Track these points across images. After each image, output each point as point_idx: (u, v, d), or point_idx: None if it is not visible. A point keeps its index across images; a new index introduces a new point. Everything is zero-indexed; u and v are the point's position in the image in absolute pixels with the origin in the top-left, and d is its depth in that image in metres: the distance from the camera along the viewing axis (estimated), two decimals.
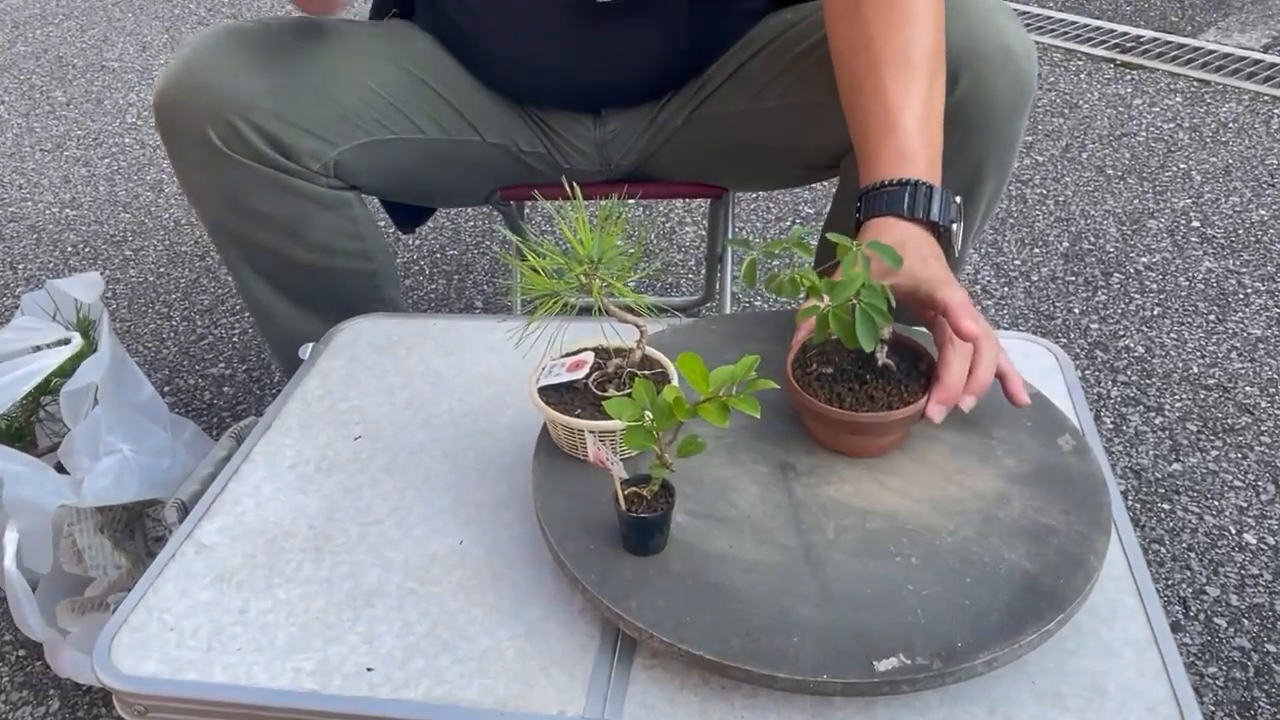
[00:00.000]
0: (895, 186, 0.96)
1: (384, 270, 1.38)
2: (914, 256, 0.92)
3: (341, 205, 1.25)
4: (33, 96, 2.96)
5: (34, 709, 1.25)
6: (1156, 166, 2.31)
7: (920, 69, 1.00)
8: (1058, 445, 0.91)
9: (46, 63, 3.19)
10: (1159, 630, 0.80)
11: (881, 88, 1.00)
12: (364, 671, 0.80)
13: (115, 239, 2.27)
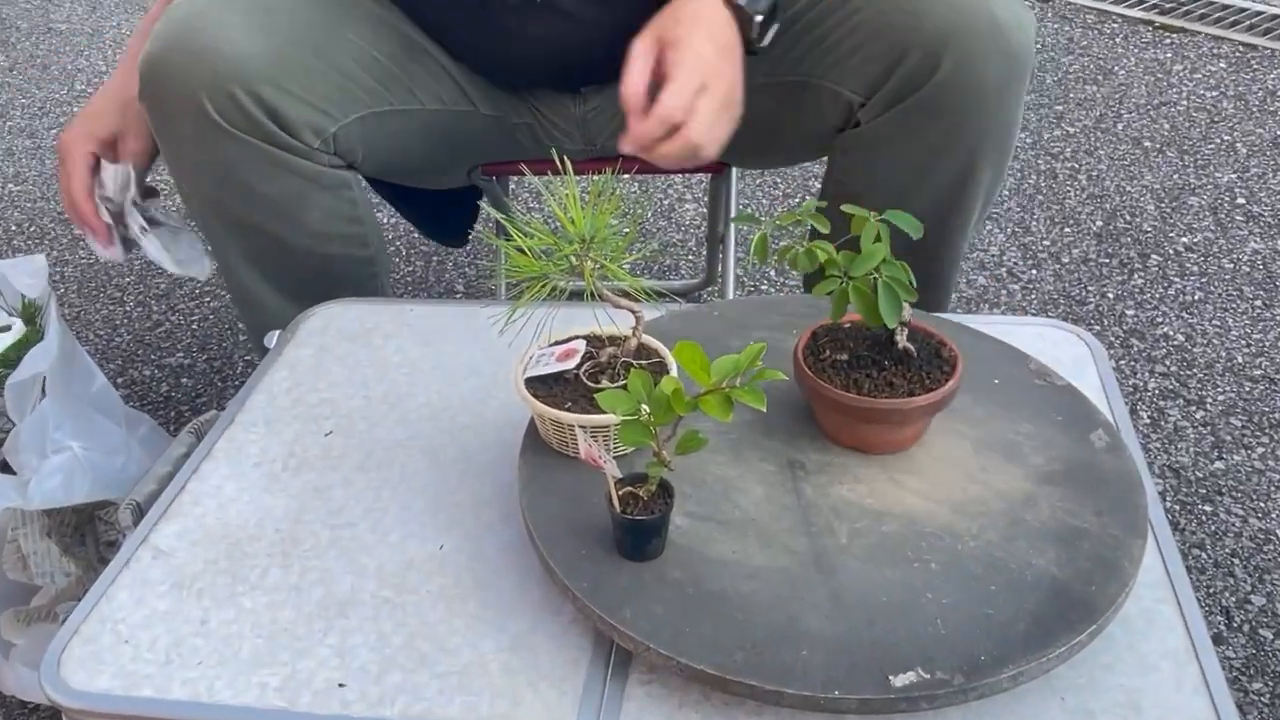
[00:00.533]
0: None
1: (379, 257, 1.38)
2: (671, 16, 1.03)
3: (340, 186, 1.25)
4: None
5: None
6: (1198, 138, 2.31)
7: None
8: (1090, 441, 0.91)
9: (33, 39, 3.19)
10: (1199, 642, 0.80)
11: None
12: (335, 687, 0.80)
13: (64, 217, 2.26)
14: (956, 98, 1.11)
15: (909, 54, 1.11)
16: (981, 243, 2.01)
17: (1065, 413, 0.94)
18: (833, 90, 1.18)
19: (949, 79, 1.10)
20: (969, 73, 1.09)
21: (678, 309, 1.10)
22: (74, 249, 2.15)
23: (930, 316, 1.03)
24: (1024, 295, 1.87)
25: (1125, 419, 0.99)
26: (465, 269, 2.06)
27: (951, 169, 1.16)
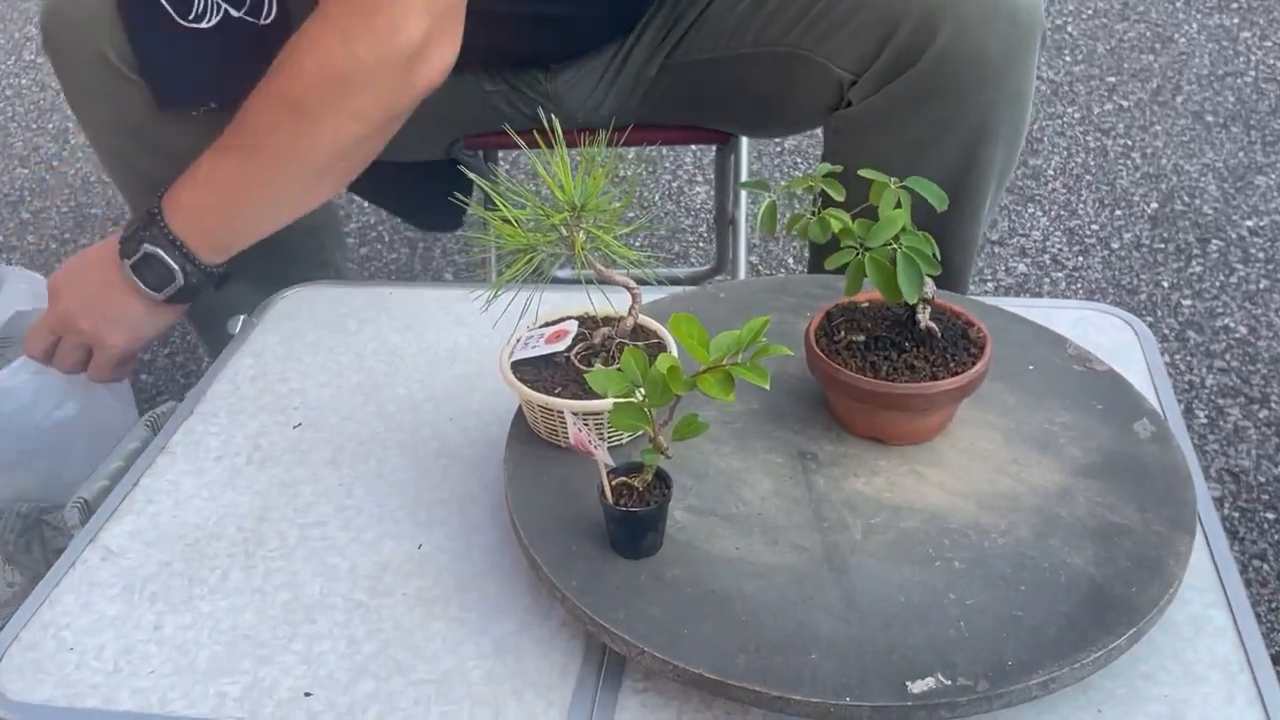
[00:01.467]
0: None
1: (326, 226, 1.39)
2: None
3: None
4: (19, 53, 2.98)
5: None
6: (1267, 112, 2.31)
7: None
8: (1133, 431, 0.91)
9: None
10: (1253, 652, 0.80)
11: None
12: (301, 697, 0.80)
13: (11, 199, 2.28)
14: (955, 71, 1.11)
15: (901, 24, 1.11)
16: (1023, 227, 2.01)
17: (1106, 401, 0.94)
18: (822, 65, 1.18)
19: (947, 50, 1.10)
20: (969, 42, 1.10)
21: (680, 290, 1.11)
22: (22, 234, 2.16)
23: (957, 296, 1.03)
24: (1068, 284, 1.87)
25: (1174, 408, 0.99)
26: (455, 256, 2.07)
27: (956, 150, 1.16)
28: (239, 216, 1.13)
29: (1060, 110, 2.35)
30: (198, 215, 1.11)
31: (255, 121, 1.08)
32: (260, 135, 1.09)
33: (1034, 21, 1.11)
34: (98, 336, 1.16)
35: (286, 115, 1.08)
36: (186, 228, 1.11)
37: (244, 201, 1.12)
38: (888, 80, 1.14)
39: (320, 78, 1.05)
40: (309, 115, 1.07)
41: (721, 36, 1.25)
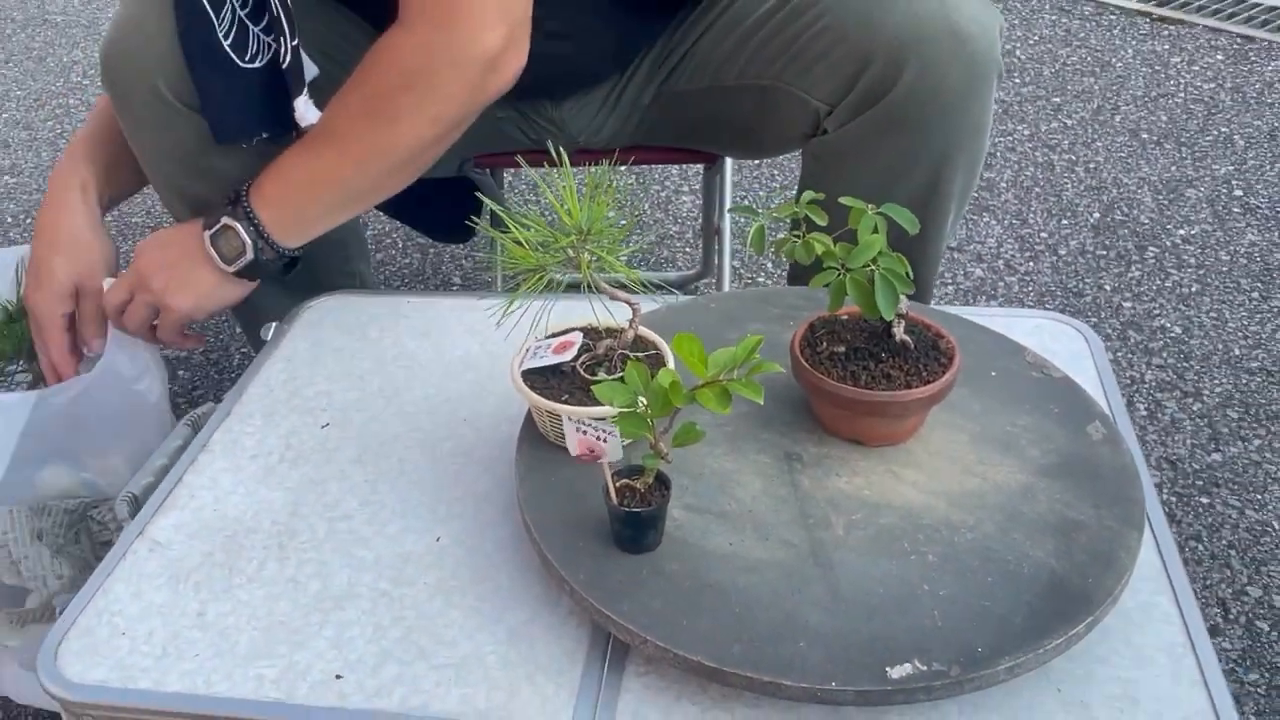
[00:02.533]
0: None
1: (354, 241, 1.38)
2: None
3: None
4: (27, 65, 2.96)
5: None
6: (1196, 130, 2.31)
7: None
8: (1087, 434, 0.91)
9: None
10: (1196, 634, 0.80)
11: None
12: (332, 679, 0.80)
13: None
14: (920, 106, 1.11)
15: (871, 63, 1.10)
16: (978, 235, 2.01)
17: (1062, 405, 0.94)
18: (799, 97, 1.18)
19: (911, 87, 1.10)
20: (931, 80, 1.09)
21: (674, 301, 1.10)
22: None
23: (927, 308, 1.03)
24: (1021, 287, 1.87)
25: (1122, 412, 0.99)
26: (462, 261, 2.06)
27: (921, 175, 1.16)
28: (314, 204, 1.12)
29: (1011, 128, 2.35)
30: (277, 199, 1.11)
31: (339, 121, 1.09)
32: (343, 133, 1.09)
33: (991, 61, 1.11)
34: (166, 298, 1.15)
35: (368, 116, 1.07)
36: (265, 208, 1.11)
37: (320, 192, 1.12)
38: (860, 111, 1.14)
39: (401, 82, 1.05)
40: (389, 117, 1.07)
41: (709, 69, 1.24)
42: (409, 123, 1.07)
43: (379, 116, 1.07)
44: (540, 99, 1.33)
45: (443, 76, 1.05)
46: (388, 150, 1.09)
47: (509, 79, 1.07)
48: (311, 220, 1.13)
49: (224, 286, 1.15)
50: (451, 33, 1.03)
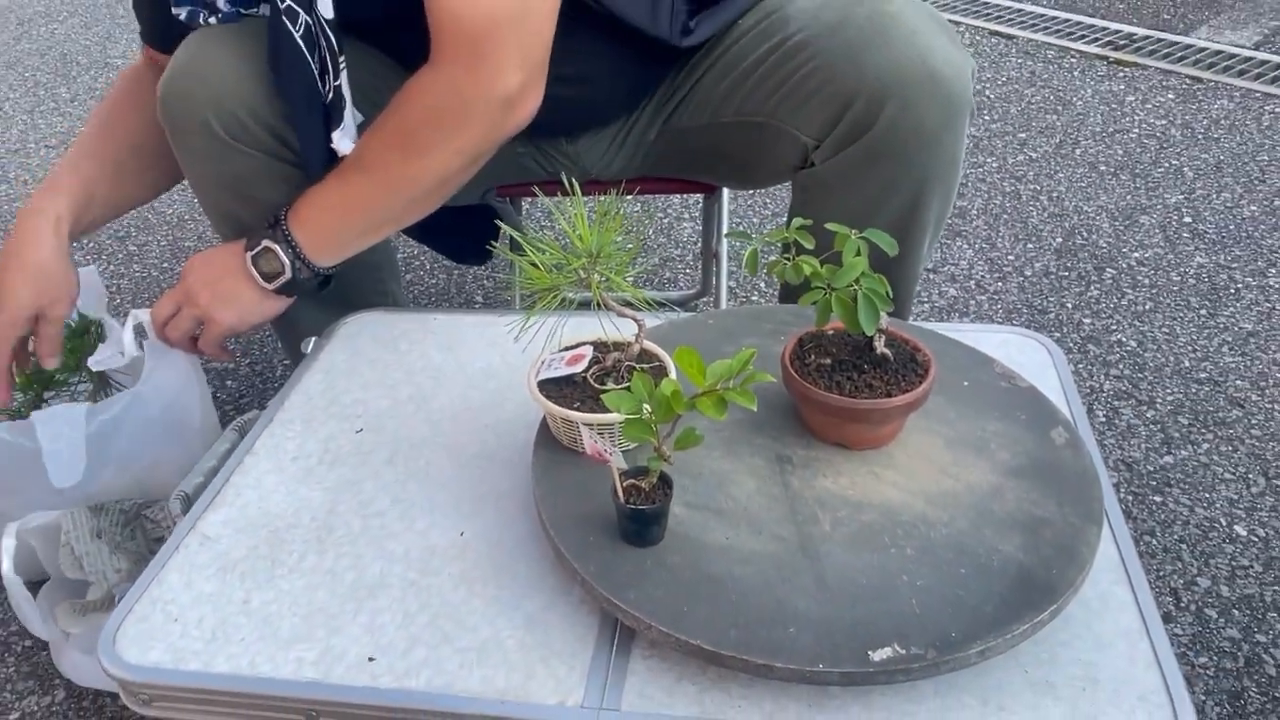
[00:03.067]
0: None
1: (387, 263, 1.38)
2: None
3: None
4: (37, 93, 2.96)
5: (39, 698, 1.26)
6: (1149, 162, 2.31)
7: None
8: (1051, 439, 0.91)
9: (51, 60, 3.19)
10: (1150, 621, 0.80)
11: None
12: (366, 661, 0.80)
13: (119, 234, 2.26)
14: (899, 141, 1.10)
15: (854, 102, 1.10)
16: (952, 257, 2.01)
17: (1028, 412, 0.94)
18: (790, 133, 1.18)
19: (891, 125, 1.09)
20: (909, 119, 1.09)
21: (676, 318, 1.10)
22: (129, 264, 2.15)
23: (905, 324, 1.03)
24: (990, 305, 1.87)
25: (1083, 418, 0.99)
26: (484, 281, 2.06)
27: (900, 204, 1.15)
28: (347, 227, 1.13)
29: (981, 161, 2.35)
30: (313, 223, 1.12)
31: (372, 152, 1.09)
32: (374, 163, 1.09)
33: (964, 101, 1.11)
34: (211, 311, 1.16)
35: (399, 148, 1.08)
36: (302, 231, 1.11)
37: (353, 216, 1.12)
38: (844, 146, 1.13)
39: (430, 118, 1.06)
40: (419, 149, 1.07)
41: (708, 108, 1.25)
42: (436, 155, 1.07)
43: (408, 149, 1.07)
44: (557, 136, 1.33)
45: (467, 114, 1.05)
46: (415, 179, 1.09)
47: (526, 117, 1.08)
48: (344, 243, 1.14)
49: (264, 302, 1.16)
50: (476, 74, 1.03)
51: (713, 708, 0.75)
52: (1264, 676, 1.21)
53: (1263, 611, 1.28)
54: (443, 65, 1.04)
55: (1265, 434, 1.54)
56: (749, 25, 1.21)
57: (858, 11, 1.11)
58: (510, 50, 1.03)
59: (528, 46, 1.04)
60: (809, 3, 1.17)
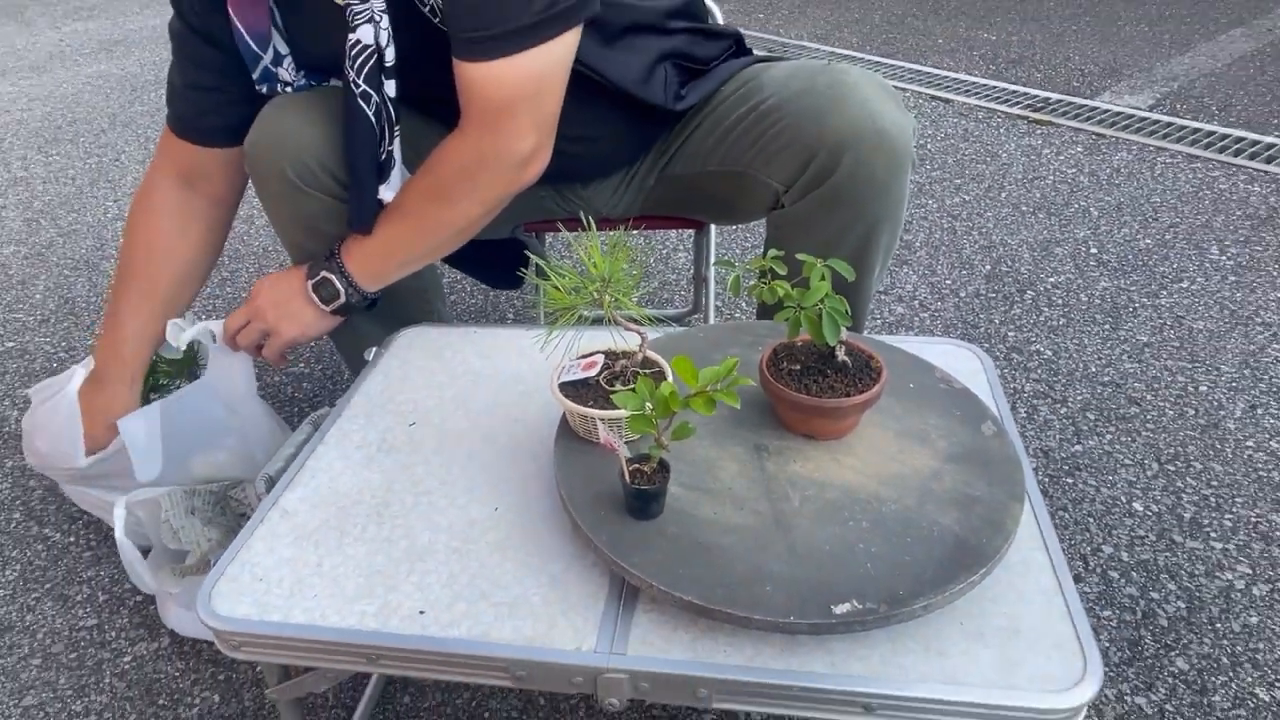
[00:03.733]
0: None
1: (432, 287, 1.38)
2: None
3: None
4: (147, 147, 2.96)
5: (148, 644, 1.26)
6: (1061, 204, 2.31)
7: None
8: (981, 431, 0.91)
9: (159, 119, 3.19)
10: (1064, 581, 0.80)
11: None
12: (417, 614, 0.80)
13: None
14: (854, 188, 1.10)
15: (817, 156, 1.10)
16: (899, 282, 2.00)
17: (962, 409, 0.94)
18: (764, 180, 1.17)
19: (848, 174, 1.09)
20: (862, 169, 1.09)
21: (673, 331, 1.10)
22: (223, 286, 2.15)
23: (860, 336, 1.03)
24: (931, 321, 1.86)
25: (1007, 414, 0.99)
26: (514, 302, 2.06)
27: (856, 238, 1.15)
28: (390, 262, 1.14)
29: (923, 203, 2.34)
30: (362, 258, 1.13)
31: (411, 201, 1.10)
32: (412, 210, 1.10)
33: (907, 154, 1.11)
34: (277, 326, 1.17)
35: (434, 199, 1.08)
36: (353, 264, 1.13)
37: (395, 253, 1.13)
38: (809, 191, 1.13)
39: (460, 174, 1.06)
40: (449, 199, 1.08)
41: (697, 160, 1.25)
42: (463, 204, 1.08)
43: (441, 199, 1.08)
44: (573, 183, 1.33)
45: (490, 171, 1.06)
46: (446, 224, 1.10)
47: (537, 172, 1.09)
48: (387, 274, 1.15)
49: (322, 321, 1.17)
50: (497, 140, 1.04)
51: (703, 653, 0.75)
52: (1157, 627, 1.20)
53: (1156, 574, 1.28)
54: (470, 132, 1.04)
55: (1158, 427, 1.54)
56: (730, 91, 1.21)
57: (820, 80, 1.12)
58: (525, 121, 1.03)
59: (539, 118, 1.04)
60: (779, 72, 1.17)
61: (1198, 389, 1.63)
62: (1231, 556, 1.30)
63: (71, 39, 4.20)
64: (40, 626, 1.29)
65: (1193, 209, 2.24)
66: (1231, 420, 1.55)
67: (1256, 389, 1.62)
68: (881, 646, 0.74)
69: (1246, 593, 1.24)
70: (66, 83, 3.59)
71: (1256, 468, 1.45)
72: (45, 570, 1.38)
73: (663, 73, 1.20)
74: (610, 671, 0.74)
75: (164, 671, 1.22)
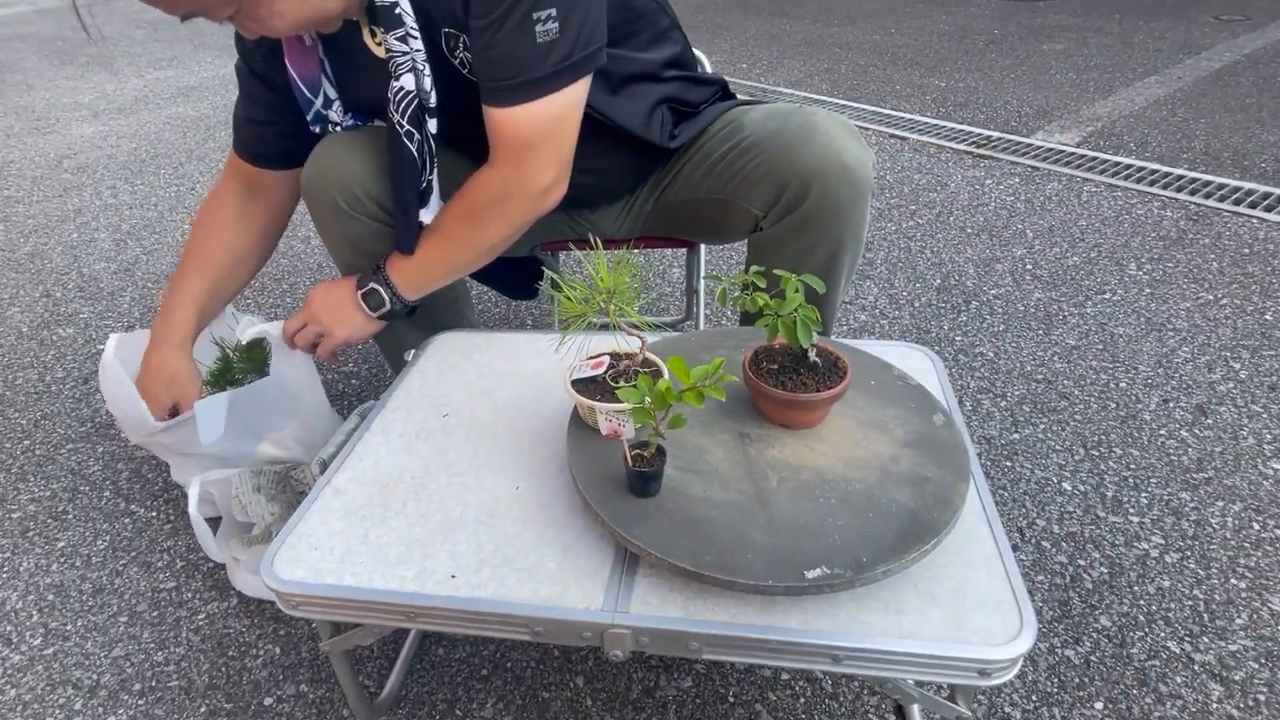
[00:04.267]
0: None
1: (462, 298, 1.38)
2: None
3: None
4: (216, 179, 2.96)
5: (219, 603, 1.26)
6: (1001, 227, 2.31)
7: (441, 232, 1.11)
8: (933, 421, 0.91)
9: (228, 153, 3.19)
10: (1004, 550, 0.80)
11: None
12: (449, 578, 0.80)
13: (276, 276, 2.27)
14: (821, 214, 1.10)
15: (789, 186, 1.10)
16: (862, 294, 2.00)
17: (917, 402, 0.94)
18: (745, 207, 1.17)
19: (816, 202, 1.09)
20: (828, 198, 1.09)
21: (668, 336, 1.10)
22: (283, 298, 2.15)
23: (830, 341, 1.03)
24: (890, 327, 1.86)
25: (955, 406, 0.99)
26: (533, 310, 2.05)
27: (823, 257, 1.15)
28: (428, 275, 1.14)
29: (883, 225, 2.34)
30: (404, 272, 1.13)
31: (448, 224, 1.10)
32: (447, 232, 1.10)
33: (867, 185, 1.10)
34: (330, 329, 1.17)
35: (468, 222, 1.09)
36: (397, 277, 1.13)
37: (432, 268, 1.13)
38: (783, 217, 1.13)
39: (489, 202, 1.06)
40: (479, 223, 1.08)
41: (688, 189, 1.24)
42: (492, 228, 1.08)
43: (474, 223, 1.08)
44: (581, 209, 1.33)
45: (515, 199, 1.06)
46: (476, 245, 1.10)
47: (556, 200, 1.09)
48: (426, 285, 1.15)
49: (369, 325, 1.17)
50: (521, 171, 1.04)
51: (694, 612, 0.75)
52: (1083, 589, 1.20)
53: (1082, 544, 1.28)
54: (498, 165, 1.05)
55: (1084, 419, 1.54)
56: (716, 130, 1.21)
57: (792, 121, 1.12)
58: (545, 157, 1.03)
59: (557, 153, 1.05)
60: (758, 114, 1.17)
61: (1118, 385, 1.63)
62: (1147, 529, 1.30)
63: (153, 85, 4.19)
64: (127, 589, 1.29)
65: (1114, 231, 2.24)
66: (1147, 412, 1.55)
67: (1168, 385, 1.62)
68: (847, 606, 0.74)
69: (1160, 560, 1.24)
70: (149, 123, 3.58)
71: (1168, 453, 1.45)
72: (131, 541, 1.38)
73: (660, 115, 1.20)
74: (615, 628, 0.74)
75: (232, 627, 1.22)
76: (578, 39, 0.98)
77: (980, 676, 0.71)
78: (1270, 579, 1.20)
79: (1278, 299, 1.87)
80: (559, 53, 0.97)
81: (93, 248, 2.46)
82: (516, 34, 0.95)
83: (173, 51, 4.96)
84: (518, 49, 0.96)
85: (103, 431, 1.66)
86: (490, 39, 0.96)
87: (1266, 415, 1.51)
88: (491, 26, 0.95)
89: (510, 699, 1.10)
